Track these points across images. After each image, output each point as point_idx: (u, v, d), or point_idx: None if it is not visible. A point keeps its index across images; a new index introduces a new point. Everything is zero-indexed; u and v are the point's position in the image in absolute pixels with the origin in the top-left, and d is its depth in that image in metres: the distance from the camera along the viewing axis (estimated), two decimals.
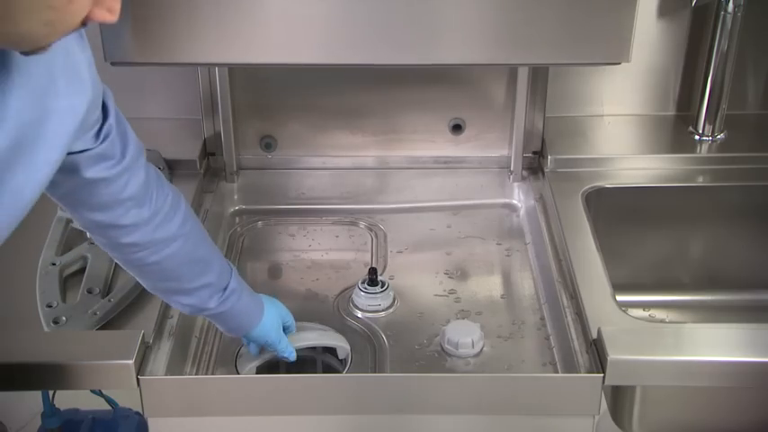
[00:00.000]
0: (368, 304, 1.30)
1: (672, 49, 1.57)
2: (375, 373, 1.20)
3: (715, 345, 1.13)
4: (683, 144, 1.56)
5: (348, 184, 1.57)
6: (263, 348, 1.20)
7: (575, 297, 1.24)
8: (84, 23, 0.74)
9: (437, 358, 1.22)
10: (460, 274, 1.40)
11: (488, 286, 1.38)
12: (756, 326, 1.20)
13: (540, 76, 1.52)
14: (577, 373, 1.14)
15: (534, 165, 1.57)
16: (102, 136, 0.96)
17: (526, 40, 1.25)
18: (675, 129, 1.60)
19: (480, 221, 1.52)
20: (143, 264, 1.07)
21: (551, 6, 1.22)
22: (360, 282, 1.32)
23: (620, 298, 1.22)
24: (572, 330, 1.21)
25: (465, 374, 1.19)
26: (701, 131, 1.56)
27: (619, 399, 1.17)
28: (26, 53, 0.76)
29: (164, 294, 1.13)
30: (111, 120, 0.97)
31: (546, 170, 1.51)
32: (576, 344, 1.18)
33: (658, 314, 1.55)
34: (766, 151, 1.52)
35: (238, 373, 1.20)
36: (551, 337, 1.26)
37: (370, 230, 1.50)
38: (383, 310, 1.30)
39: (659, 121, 1.62)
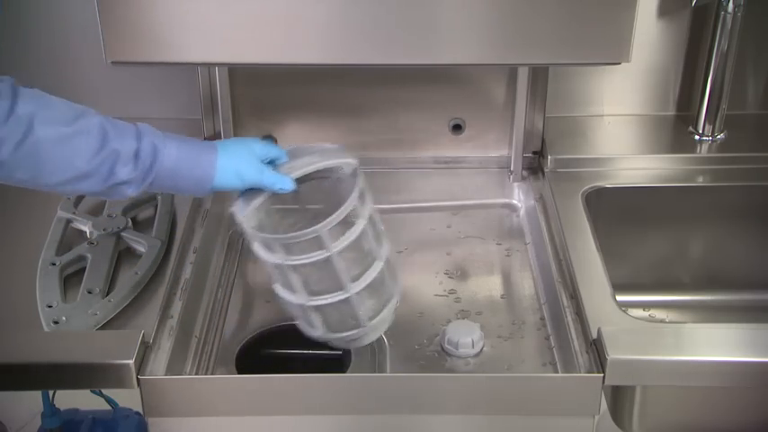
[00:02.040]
0: None
1: (672, 49, 1.57)
2: (375, 373, 1.20)
3: (715, 345, 1.13)
4: (683, 144, 1.56)
5: None
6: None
7: (575, 297, 1.24)
8: None
9: (437, 358, 1.22)
10: (460, 274, 1.40)
11: (488, 286, 1.38)
12: (756, 326, 1.20)
13: (540, 76, 1.51)
14: (577, 373, 1.14)
15: (534, 165, 1.57)
16: None
17: (526, 40, 1.25)
18: (675, 129, 1.60)
19: (480, 221, 1.52)
20: (7, 168, 0.99)
21: (551, 6, 1.22)
22: None
23: (620, 298, 1.22)
24: (572, 330, 1.21)
25: (465, 374, 1.19)
26: (701, 131, 1.56)
27: (619, 399, 1.17)
28: None
29: (70, 186, 1.04)
30: None
31: (546, 170, 1.51)
32: (576, 344, 1.18)
33: (658, 314, 1.55)
34: (766, 151, 1.52)
35: (240, 222, 1.08)
36: (551, 337, 1.26)
37: None
38: None
39: (659, 121, 1.62)
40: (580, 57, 1.28)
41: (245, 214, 1.09)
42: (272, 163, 1.13)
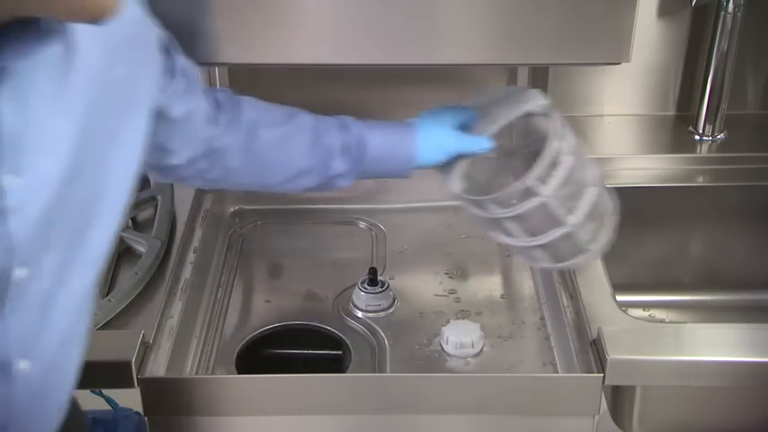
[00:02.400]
0: (368, 304, 1.30)
1: (672, 49, 1.57)
2: (375, 373, 1.20)
3: (715, 345, 1.13)
4: (683, 144, 1.56)
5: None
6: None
7: (575, 297, 1.24)
8: None
9: (437, 358, 1.22)
10: (460, 274, 1.40)
11: (488, 286, 1.38)
12: (756, 326, 1.20)
13: (540, 76, 1.51)
14: (577, 373, 1.14)
15: None
16: (176, 72, 0.98)
17: (526, 40, 1.25)
18: (675, 129, 1.60)
19: None
20: (239, 173, 1.07)
21: (551, 6, 1.22)
22: (360, 282, 1.32)
23: (620, 298, 1.22)
24: (572, 330, 1.21)
25: (465, 374, 1.19)
26: (701, 131, 1.56)
27: (619, 399, 1.17)
28: (92, 21, 0.70)
29: (292, 184, 1.10)
30: (179, 57, 0.99)
31: None
32: (576, 344, 1.18)
33: (658, 314, 1.55)
34: (766, 151, 1.52)
35: (452, 191, 1.10)
36: (551, 337, 1.26)
37: (370, 230, 1.50)
38: (383, 310, 1.30)
39: (659, 121, 1.62)
40: (580, 57, 1.28)
41: (453, 182, 1.11)
42: (463, 125, 1.13)
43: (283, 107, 1.12)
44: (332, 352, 1.33)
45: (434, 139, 1.11)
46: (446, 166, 1.13)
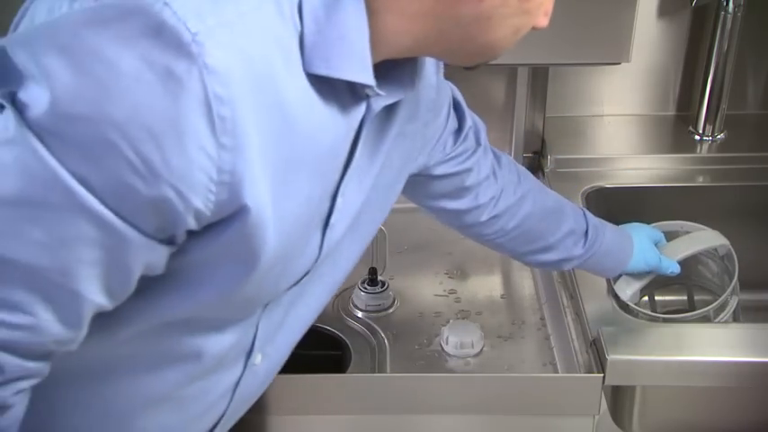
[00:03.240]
0: (368, 304, 1.30)
1: (672, 49, 1.57)
2: (375, 373, 1.20)
3: (715, 345, 1.13)
4: (683, 144, 1.56)
5: None
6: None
7: (575, 297, 1.24)
8: None
9: (437, 358, 1.22)
10: (460, 274, 1.40)
11: (488, 286, 1.38)
12: (756, 326, 1.20)
13: (540, 76, 1.51)
14: (577, 373, 1.14)
15: (534, 165, 1.57)
16: (461, 138, 1.02)
17: (526, 39, 1.24)
18: (675, 129, 1.60)
19: None
20: (505, 233, 1.09)
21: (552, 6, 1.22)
22: (360, 282, 1.32)
23: None
24: (572, 330, 1.21)
25: (465, 374, 1.19)
26: (701, 131, 1.56)
27: (619, 399, 1.17)
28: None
29: (531, 256, 1.14)
30: (468, 119, 1.02)
31: (546, 170, 1.51)
32: (576, 344, 1.18)
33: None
34: (766, 151, 1.52)
35: (618, 300, 1.21)
36: (551, 337, 1.26)
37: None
38: (383, 310, 1.30)
39: (659, 121, 1.62)
40: (580, 57, 1.28)
41: (629, 296, 1.22)
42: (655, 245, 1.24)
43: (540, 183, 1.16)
44: (332, 352, 1.33)
45: (644, 251, 1.19)
46: (628, 276, 1.23)
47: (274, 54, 0.64)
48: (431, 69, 0.90)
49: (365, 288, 1.31)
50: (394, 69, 0.75)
